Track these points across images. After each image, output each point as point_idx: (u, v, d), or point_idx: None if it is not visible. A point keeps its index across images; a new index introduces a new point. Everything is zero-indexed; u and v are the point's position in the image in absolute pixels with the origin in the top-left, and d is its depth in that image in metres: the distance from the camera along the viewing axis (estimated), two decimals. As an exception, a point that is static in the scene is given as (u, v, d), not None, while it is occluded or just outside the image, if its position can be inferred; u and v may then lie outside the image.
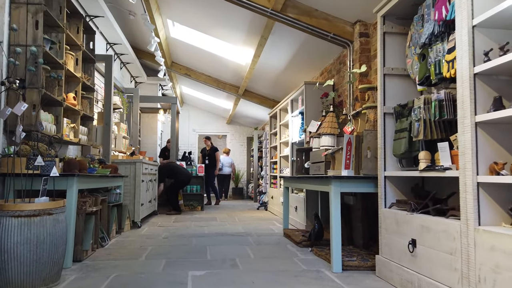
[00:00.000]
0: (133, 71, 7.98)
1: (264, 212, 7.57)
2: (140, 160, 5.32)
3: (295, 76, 6.32)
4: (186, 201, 7.83)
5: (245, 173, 12.14)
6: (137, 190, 5.28)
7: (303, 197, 5.13)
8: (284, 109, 6.83)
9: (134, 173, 5.30)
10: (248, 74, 6.50)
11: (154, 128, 9.36)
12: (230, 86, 8.06)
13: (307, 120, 5.00)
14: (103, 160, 4.58)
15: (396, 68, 2.87)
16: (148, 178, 6.05)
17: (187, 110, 12.07)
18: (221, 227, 5.37)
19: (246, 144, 12.28)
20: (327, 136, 3.85)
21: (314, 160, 4.06)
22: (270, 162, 7.70)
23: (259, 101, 8.11)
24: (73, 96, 4.05)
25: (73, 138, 4.05)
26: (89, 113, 4.58)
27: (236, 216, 6.79)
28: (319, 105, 4.98)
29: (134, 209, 5.25)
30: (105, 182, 4.06)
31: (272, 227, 5.39)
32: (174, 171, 7.16)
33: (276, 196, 6.93)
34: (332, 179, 2.95)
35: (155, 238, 4.40)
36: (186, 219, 6.33)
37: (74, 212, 3.05)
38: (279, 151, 6.85)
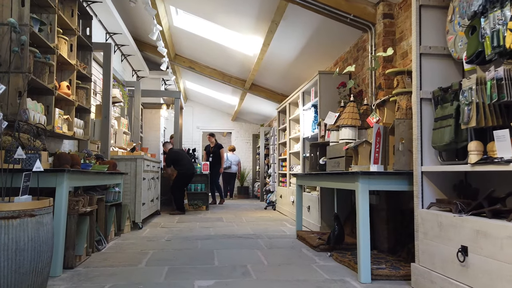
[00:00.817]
0: (134, 64, 7.61)
1: (272, 212, 7.19)
2: (141, 156, 4.96)
3: (306, 67, 5.93)
4: (190, 200, 7.47)
5: (250, 171, 11.76)
6: (138, 188, 4.91)
7: (316, 196, 4.74)
8: (294, 103, 6.44)
9: (134, 170, 4.93)
10: (256, 65, 6.11)
11: (156, 124, 9.00)
12: (236, 79, 7.68)
13: (321, 113, 4.61)
14: (100, 156, 4.22)
15: (435, 46, 2.48)
16: (150, 175, 5.68)
17: (191, 107, 11.70)
18: (228, 228, 4.99)
19: (251, 141, 11.90)
20: (347, 128, 3.46)
21: (332, 155, 3.68)
22: (278, 160, 7.32)
23: (266, 95, 7.73)
24: (66, 85, 3.68)
25: (66, 131, 3.69)
26: (85, 105, 4.21)
27: (243, 216, 6.42)
28: (335, 96, 4.59)
29: (134, 209, 4.88)
30: (102, 179, 3.69)
31: (283, 228, 5.01)
32: (179, 157, 6.83)
33: (286, 195, 6.55)
34: (359, 175, 2.56)
35: (157, 241, 4.03)
36: (190, 219, 5.96)
37: (65, 212, 2.69)
38: (288, 148, 6.47)
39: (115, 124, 5.83)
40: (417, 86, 2.45)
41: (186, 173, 6.84)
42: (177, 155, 6.92)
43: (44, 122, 3.16)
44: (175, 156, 6.89)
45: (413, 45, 2.50)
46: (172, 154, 6.93)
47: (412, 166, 2.59)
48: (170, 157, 6.91)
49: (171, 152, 6.98)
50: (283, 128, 7.16)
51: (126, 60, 7.23)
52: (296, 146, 6.16)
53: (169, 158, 6.91)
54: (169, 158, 6.92)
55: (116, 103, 5.99)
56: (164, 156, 7.23)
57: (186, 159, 6.97)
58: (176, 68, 7.99)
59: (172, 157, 6.89)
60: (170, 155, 6.94)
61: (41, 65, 3.14)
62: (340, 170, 3.43)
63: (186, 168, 6.84)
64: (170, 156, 6.92)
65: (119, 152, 5.12)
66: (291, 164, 6.40)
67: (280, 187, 7.11)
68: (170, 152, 6.98)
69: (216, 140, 8.92)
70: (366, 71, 4.00)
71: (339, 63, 5.10)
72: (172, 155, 6.91)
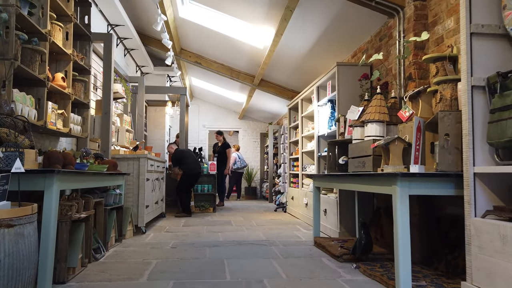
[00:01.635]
0: (138, 59, 7.27)
1: (283, 214, 6.82)
2: (145, 155, 4.60)
3: (321, 60, 5.54)
4: (197, 202, 7.12)
5: (258, 171, 11.39)
6: (141, 190, 4.56)
7: (334, 198, 4.36)
8: (307, 99, 6.06)
9: (137, 170, 4.58)
10: (266, 58, 5.74)
11: (162, 123, 8.66)
12: (244, 75, 7.31)
13: (340, 108, 4.23)
14: (100, 155, 3.87)
15: (488, 25, 2.09)
16: (155, 176, 5.33)
17: (197, 105, 11.36)
18: (238, 233, 4.63)
19: (259, 140, 11.53)
20: (374, 124, 3.07)
21: (355, 154, 3.29)
22: (289, 159, 6.94)
23: (276, 91, 7.35)
24: (61, 76, 3.34)
25: (61, 127, 3.34)
26: (83, 99, 3.86)
27: (253, 219, 6.05)
28: (355, 89, 4.21)
29: (137, 212, 4.53)
30: (100, 181, 3.34)
31: (297, 233, 4.63)
32: (184, 155, 6.50)
33: (298, 197, 6.17)
34: (398, 177, 2.18)
35: (161, 248, 3.67)
36: (197, 222, 5.60)
37: (55, 220, 2.33)
38: (301, 146, 6.09)
39: (117, 121, 5.49)
40: (467, 72, 2.06)
41: (191, 172, 6.49)
42: (182, 153, 6.59)
43: (34, 117, 2.82)
44: (180, 154, 6.57)
45: (461, 24, 2.11)
46: (177, 153, 6.62)
47: (460, 167, 2.21)
48: (175, 156, 6.60)
49: (176, 151, 6.66)
50: (295, 126, 6.78)
51: (130, 54, 6.89)
52: (310, 144, 5.78)
53: (174, 157, 6.59)
54: (174, 157, 6.61)
55: (118, 99, 5.65)
56: (169, 155, 6.89)
57: (191, 158, 6.63)
58: (181, 63, 7.64)
59: (177, 156, 6.57)
60: (175, 154, 6.63)
61: (31, 52, 2.79)
62: (366, 170, 3.05)
63: (190, 167, 6.50)
64: (175, 155, 6.61)
65: (121, 151, 4.77)
66: (303, 163, 6.02)
67: (291, 188, 6.73)
68: (175, 151, 6.67)
69: (225, 139, 8.54)
70: (392, 61, 3.60)
71: (357, 54, 4.71)
72: (177, 154, 6.60)
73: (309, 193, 5.48)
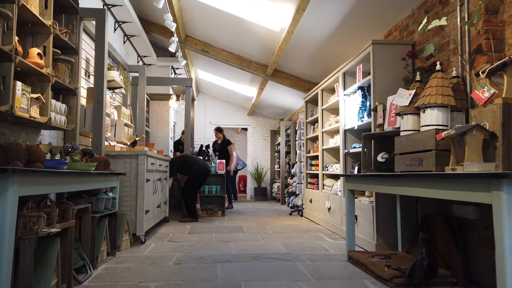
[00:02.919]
0: (140, 48, 6.62)
1: (299, 219, 6.12)
2: (144, 152, 3.94)
3: (345, 44, 4.84)
4: (203, 205, 6.45)
5: (268, 171, 10.70)
6: (139, 192, 3.90)
7: (367, 203, 3.67)
8: (328, 89, 5.37)
9: (136, 169, 3.92)
10: (283, 42, 5.05)
11: (165, 118, 8.00)
12: (256, 64, 6.63)
13: (376, 96, 3.53)
14: (89, 151, 3.22)
15: None
16: (156, 176, 4.67)
17: (203, 100, 10.70)
18: (253, 243, 3.95)
19: (269, 138, 10.84)
20: (435, 110, 2.38)
21: (405, 149, 2.60)
22: (306, 157, 6.25)
23: (291, 83, 6.65)
24: (38, 52, 2.68)
25: (37, 115, 2.68)
26: (69, 84, 3.21)
27: (267, 224, 5.36)
28: (396, 72, 3.52)
29: (135, 219, 3.87)
30: (85, 182, 2.68)
31: (323, 244, 3.94)
32: (189, 162, 5.83)
33: (317, 199, 5.48)
34: (503, 179, 1.48)
35: (163, 265, 3.01)
36: (204, 229, 4.93)
37: (11, 237, 1.67)
38: (321, 143, 5.39)
39: (114, 114, 4.83)
40: None
41: (198, 172, 5.82)
42: (183, 158, 5.88)
43: (-5, 100, 2.16)
44: (181, 160, 5.82)
45: None
46: (178, 159, 5.88)
47: None
48: (174, 163, 5.75)
49: (177, 157, 5.94)
50: (313, 121, 6.08)
51: (130, 42, 6.24)
52: (332, 140, 5.09)
53: (173, 165, 5.73)
54: (173, 165, 5.73)
55: (115, 88, 4.99)
56: (176, 154, 6.16)
57: (197, 160, 5.98)
58: (187, 53, 6.97)
59: (177, 163, 5.76)
60: (174, 161, 5.82)
61: (-11, 15, 2.14)
62: (424, 170, 2.35)
63: (196, 168, 5.81)
64: (174, 162, 5.77)
65: (118, 147, 4.11)
66: (324, 162, 5.33)
67: (309, 189, 6.04)
68: (175, 158, 5.94)
69: (224, 136, 7.82)
70: (450, 33, 2.89)
71: (393, 33, 4.00)
72: (177, 160, 5.83)
73: (332, 196, 4.79)
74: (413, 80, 2.88)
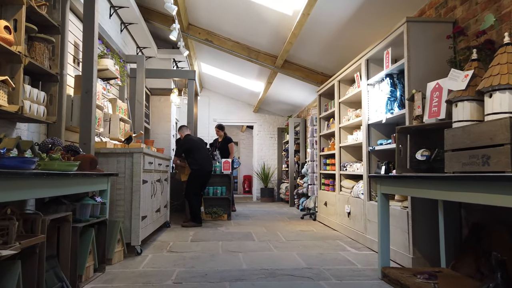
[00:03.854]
0: (138, 38, 6.12)
1: (312, 223, 5.60)
2: (140, 149, 3.43)
3: (367, 28, 4.31)
4: (208, 208, 5.94)
5: (275, 170, 10.17)
6: (135, 196, 3.39)
7: (400, 209, 3.14)
8: (347, 80, 4.84)
9: (130, 169, 3.41)
10: (296, 27, 4.52)
11: (167, 114, 7.50)
12: (265, 55, 6.11)
13: (412, 82, 3.00)
14: (73, 148, 2.71)
15: None
16: (155, 177, 4.17)
17: (207, 97, 10.18)
18: (266, 254, 3.43)
19: (276, 136, 10.31)
20: (506, 93, 1.85)
21: (462, 144, 2.07)
22: (319, 156, 5.72)
23: (303, 75, 6.12)
24: (5, 25, 2.17)
25: (4, 103, 2.17)
26: (49, 68, 2.70)
27: (279, 230, 4.84)
28: (436, 54, 2.99)
29: (130, 226, 3.36)
30: (62, 186, 2.16)
31: (346, 255, 3.42)
32: (194, 147, 5.39)
33: (334, 202, 4.95)
34: None
35: (160, 284, 2.49)
36: (209, 235, 4.42)
37: None
38: (338, 140, 4.86)
39: (109, 107, 4.33)
40: None
41: (200, 170, 5.31)
42: (192, 143, 5.43)
43: None
44: (190, 144, 5.40)
45: None
46: (186, 141, 5.45)
47: None
48: (183, 144, 5.45)
49: (186, 138, 5.49)
50: (327, 116, 5.56)
51: (127, 31, 5.74)
52: (351, 137, 4.56)
53: (182, 146, 5.45)
54: (181, 145, 5.47)
55: (109, 79, 4.49)
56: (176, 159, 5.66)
57: (203, 152, 5.46)
58: (189, 43, 6.45)
59: (186, 145, 5.41)
60: (183, 141, 5.50)
61: None
62: (494, 170, 1.82)
63: (200, 164, 5.33)
64: (183, 143, 5.46)
65: (109, 144, 3.60)
66: (342, 161, 4.80)
67: (323, 191, 5.51)
68: (185, 138, 5.50)
69: (226, 134, 7.28)
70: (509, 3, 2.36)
71: (427, 12, 3.47)
72: (186, 142, 5.44)
73: (353, 199, 4.26)
74: (465, 60, 2.34)
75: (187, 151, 5.41)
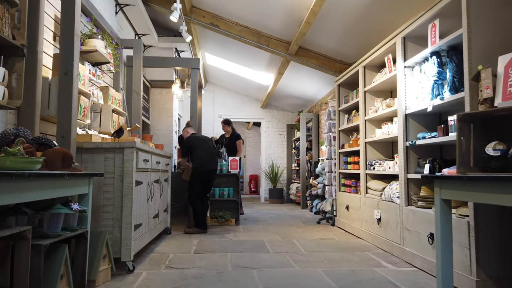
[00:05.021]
0: (136, 23, 5.52)
1: (331, 229, 4.97)
2: (132, 144, 2.82)
3: (400, 2, 3.67)
4: (213, 211, 5.33)
5: (285, 169, 9.54)
6: (126, 200, 2.78)
7: (456, 218, 2.50)
8: (373, 66, 4.22)
9: (121, 168, 2.80)
10: (317, 3, 3.89)
11: (168, 109, 6.90)
12: (277, 41, 5.48)
13: (474, 58, 2.37)
14: (45, 141, 2.11)
15: None
16: (153, 177, 3.56)
17: (211, 91, 9.57)
18: (285, 271, 2.81)
19: (285, 133, 9.68)
20: None
21: None
22: (338, 154, 5.10)
23: (319, 63, 5.49)
24: None
25: None
26: (11, 39, 2.10)
27: (295, 238, 4.23)
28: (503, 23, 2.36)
29: (120, 238, 2.76)
30: (16, 190, 1.55)
31: (383, 273, 2.79)
32: (196, 143, 4.86)
33: (357, 206, 4.33)
34: None
35: (153, 321, 1.88)
36: (215, 245, 3.81)
37: None
38: (363, 135, 4.24)
39: (99, 96, 3.73)
40: None
41: (201, 168, 4.71)
42: (194, 140, 4.86)
43: None
44: (191, 142, 4.84)
45: None
46: (188, 139, 4.90)
47: None
48: (185, 142, 4.92)
49: (188, 137, 4.92)
50: (348, 108, 4.93)
51: (123, 14, 5.14)
52: (380, 131, 3.93)
53: (184, 145, 4.93)
54: (183, 144, 4.95)
55: (100, 64, 3.88)
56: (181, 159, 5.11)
57: (204, 148, 4.85)
58: (193, 29, 5.83)
59: (187, 142, 4.88)
60: (185, 140, 4.95)
61: None
62: None
63: (200, 161, 4.73)
64: (185, 141, 4.93)
65: (95, 137, 2.99)
66: (368, 159, 4.18)
67: (343, 193, 4.89)
68: (188, 137, 4.93)
69: (234, 129, 6.59)
70: None
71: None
72: (188, 140, 4.91)
73: (384, 203, 3.64)
74: None
75: (189, 149, 4.83)
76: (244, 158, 12.22)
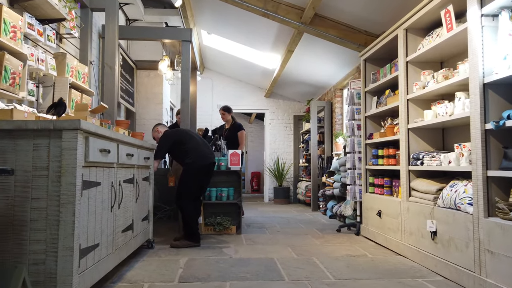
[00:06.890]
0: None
1: (357, 240, 3.96)
2: (76, 124, 1.80)
3: None
4: (209, 217, 4.32)
5: (291, 166, 8.53)
6: (64, 212, 1.77)
7: None
8: (418, 29, 3.20)
9: (58, 162, 1.79)
10: None
11: (157, 94, 5.89)
12: (287, 6, 4.46)
13: None
14: None
15: None
16: (122, 175, 2.56)
17: (209, 79, 8.56)
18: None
19: (292, 125, 8.67)
20: None
21: None
22: (365, 146, 4.09)
23: (339, 34, 4.47)
24: None
25: None
26: None
27: (315, 255, 3.22)
28: None
29: (56, 270, 1.75)
30: None
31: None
32: (183, 140, 3.70)
33: (394, 213, 3.32)
34: None
35: None
36: (210, 267, 2.80)
37: None
38: (404, 119, 3.22)
39: (48, 65, 2.72)
40: None
41: (196, 163, 3.68)
42: (180, 132, 3.82)
43: None
44: (176, 135, 3.78)
45: None
46: (170, 133, 3.81)
47: None
48: (167, 137, 3.77)
49: (167, 131, 3.84)
50: (377, 89, 3.92)
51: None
52: (431, 113, 2.91)
53: (166, 141, 3.74)
54: (164, 141, 3.74)
55: (52, 21, 2.86)
56: None
57: (197, 138, 3.83)
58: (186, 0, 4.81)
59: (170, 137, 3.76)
60: (164, 135, 3.80)
61: None
62: None
63: (197, 155, 3.69)
64: (166, 136, 3.78)
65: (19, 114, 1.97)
66: (411, 150, 3.17)
67: (372, 194, 3.89)
68: (166, 132, 3.84)
69: (234, 118, 5.49)
70: None
71: None
72: (170, 134, 3.81)
73: (442, 211, 2.63)
74: None
75: (176, 144, 3.74)
76: (245, 154, 11.22)
